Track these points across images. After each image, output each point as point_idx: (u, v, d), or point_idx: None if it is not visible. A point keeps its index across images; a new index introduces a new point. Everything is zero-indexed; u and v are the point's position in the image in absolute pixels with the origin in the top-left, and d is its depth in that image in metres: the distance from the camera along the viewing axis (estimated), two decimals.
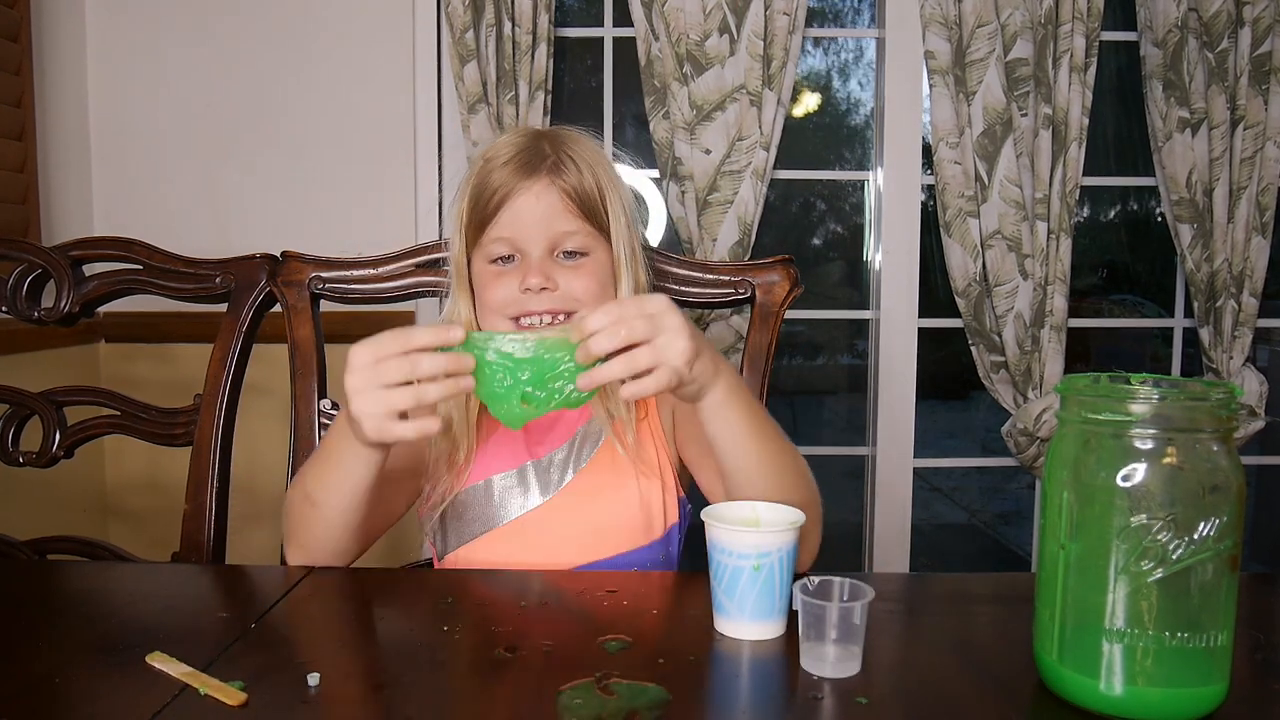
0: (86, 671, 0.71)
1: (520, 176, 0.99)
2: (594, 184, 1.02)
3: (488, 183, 1.00)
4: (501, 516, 1.04)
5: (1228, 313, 1.88)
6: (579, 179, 1.01)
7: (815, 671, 0.70)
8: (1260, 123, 1.84)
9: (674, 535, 1.08)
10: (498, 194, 0.99)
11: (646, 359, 0.79)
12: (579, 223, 1.01)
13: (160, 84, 1.91)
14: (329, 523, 0.93)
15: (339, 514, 0.92)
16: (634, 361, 0.79)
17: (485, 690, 0.68)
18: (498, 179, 1.00)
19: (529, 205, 0.99)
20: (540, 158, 1.01)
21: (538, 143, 1.03)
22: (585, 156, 1.03)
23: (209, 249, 1.27)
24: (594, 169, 1.02)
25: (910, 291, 1.99)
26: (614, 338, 0.78)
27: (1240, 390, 0.71)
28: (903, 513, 2.04)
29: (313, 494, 0.93)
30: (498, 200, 0.99)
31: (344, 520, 0.93)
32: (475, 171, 1.03)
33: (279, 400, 1.28)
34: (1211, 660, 0.62)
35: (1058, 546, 0.65)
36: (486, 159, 1.03)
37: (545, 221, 0.99)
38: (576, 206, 1.00)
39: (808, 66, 2.22)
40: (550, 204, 0.99)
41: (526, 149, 1.02)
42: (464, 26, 1.76)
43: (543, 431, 1.07)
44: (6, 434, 1.17)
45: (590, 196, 1.01)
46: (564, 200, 1.00)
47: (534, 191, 0.99)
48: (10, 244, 1.19)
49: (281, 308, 1.19)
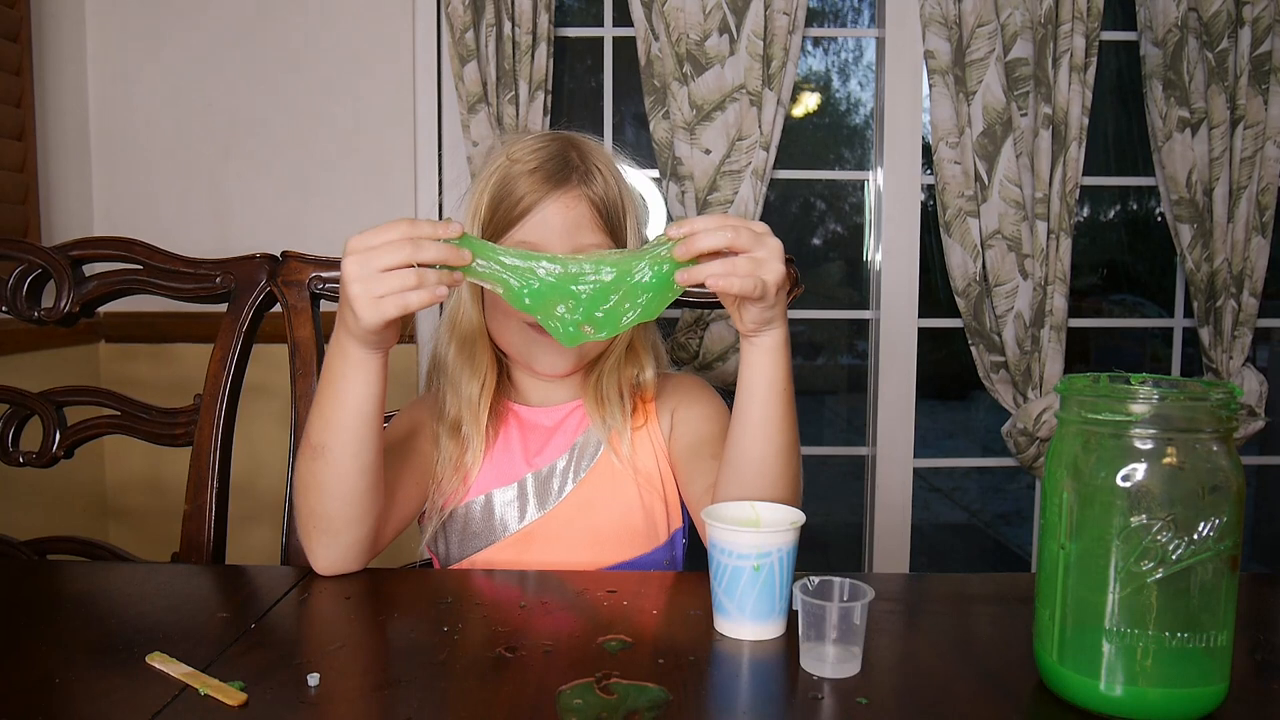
0: (86, 671, 0.71)
1: (550, 185, 0.99)
2: (617, 196, 1.02)
3: (514, 188, 0.99)
4: (503, 530, 1.04)
5: (1228, 313, 1.88)
6: (605, 190, 1.01)
7: (815, 671, 0.70)
8: (1260, 122, 1.84)
9: (678, 539, 1.08)
10: (524, 200, 0.98)
11: (746, 267, 0.79)
12: (602, 235, 1.00)
13: (160, 84, 1.91)
14: (342, 472, 0.87)
15: (350, 455, 0.87)
16: (734, 265, 0.79)
17: (485, 690, 0.68)
18: (525, 185, 0.99)
19: (558, 214, 0.98)
20: (570, 167, 1.00)
21: (565, 150, 1.02)
22: (610, 168, 1.03)
23: (209, 249, 1.27)
24: (618, 182, 1.03)
25: (910, 291, 1.99)
26: (719, 237, 0.79)
27: (1240, 390, 0.71)
28: (903, 513, 2.04)
29: (317, 441, 0.88)
30: (524, 206, 0.98)
31: (357, 465, 0.87)
32: (496, 169, 1.01)
33: (279, 400, 1.28)
34: (1211, 660, 0.62)
35: (1058, 546, 0.65)
36: (511, 159, 1.01)
37: (571, 232, 0.99)
38: (602, 219, 1.00)
39: (808, 66, 2.22)
40: (579, 214, 0.99)
41: (556, 156, 1.00)
42: (464, 26, 1.76)
43: (541, 442, 1.07)
44: (6, 434, 1.17)
45: (615, 209, 1.02)
46: (591, 211, 1.00)
47: (564, 202, 0.99)
48: (10, 244, 1.19)
49: (282, 308, 1.19)
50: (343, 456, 0.87)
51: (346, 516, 0.90)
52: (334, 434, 0.87)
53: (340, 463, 0.88)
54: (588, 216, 0.99)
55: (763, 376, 0.88)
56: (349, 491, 0.89)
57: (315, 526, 0.91)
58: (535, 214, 0.98)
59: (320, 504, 0.90)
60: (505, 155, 1.02)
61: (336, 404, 0.87)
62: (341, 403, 0.87)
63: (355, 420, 0.87)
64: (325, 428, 0.88)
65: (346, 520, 0.90)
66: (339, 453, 0.87)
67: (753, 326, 0.86)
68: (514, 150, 1.02)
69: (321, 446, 0.88)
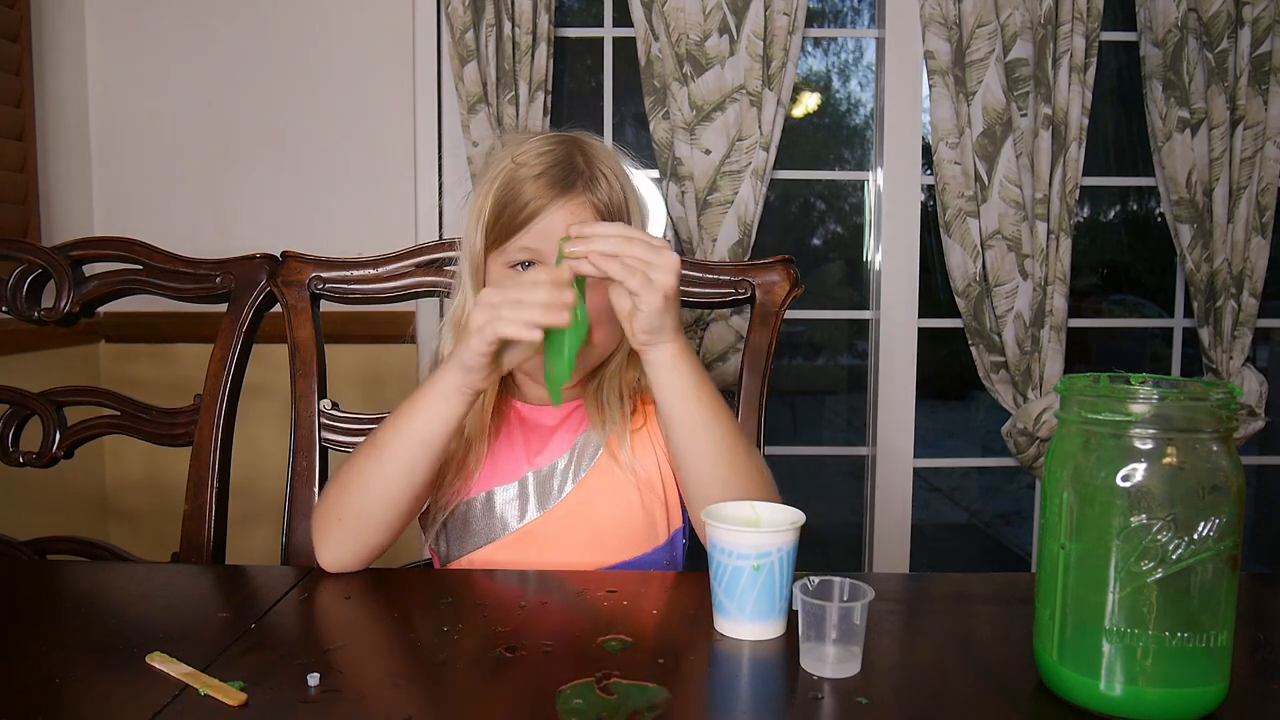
0: (86, 671, 0.71)
1: (555, 192, 0.98)
2: (622, 199, 1.02)
3: (520, 193, 0.99)
4: (503, 529, 1.04)
5: (1227, 313, 1.88)
6: (610, 194, 1.01)
7: (815, 671, 0.70)
8: (1260, 123, 1.84)
9: (678, 539, 1.08)
10: (530, 206, 0.98)
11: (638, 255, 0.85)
12: None
13: (160, 84, 1.91)
14: (390, 477, 0.93)
15: (404, 467, 0.92)
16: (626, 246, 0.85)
17: (485, 690, 0.68)
18: (531, 191, 0.98)
19: (563, 223, 0.98)
20: (575, 172, 1.00)
21: (571, 154, 1.01)
22: (615, 170, 1.03)
23: (209, 249, 1.27)
24: (622, 184, 1.03)
25: (910, 291, 1.99)
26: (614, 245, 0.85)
27: (1240, 390, 0.71)
28: (903, 513, 2.04)
29: (382, 444, 0.93)
30: (530, 212, 0.98)
31: (406, 480, 0.93)
32: (502, 172, 1.01)
33: (279, 400, 1.28)
34: (1211, 660, 0.62)
35: (1058, 546, 0.65)
36: (517, 163, 1.00)
37: None
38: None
39: (808, 67, 2.22)
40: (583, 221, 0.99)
41: (561, 161, 1.00)
42: (464, 27, 1.76)
43: (543, 441, 1.07)
44: (6, 434, 1.17)
45: (620, 212, 1.02)
46: (596, 218, 0.99)
47: (569, 209, 0.98)
48: (10, 244, 1.19)
49: (281, 308, 1.19)
50: (397, 467, 0.93)
51: (372, 519, 0.94)
52: (401, 445, 0.92)
53: (392, 470, 0.93)
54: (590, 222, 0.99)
55: (670, 390, 0.92)
56: (386, 498, 0.93)
57: (337, 522, 0.94)
58: (540, 221, 0.98)
59: (353, 500, 0.94)
60: (510, 158, 1.01)
61: (415, 419, 0.92)
62: (416, 421, 0.92)
63: (421, 441, 0.92)
64: (395, 433, 0.93)
65: (371, 522, 0.94)
66: (395, 463, 0.92)
67: (643, 338, 0.90)
68: (520, 153, 1.01)
69: (384, 450, 0.93)
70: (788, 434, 3.03)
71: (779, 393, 2.60)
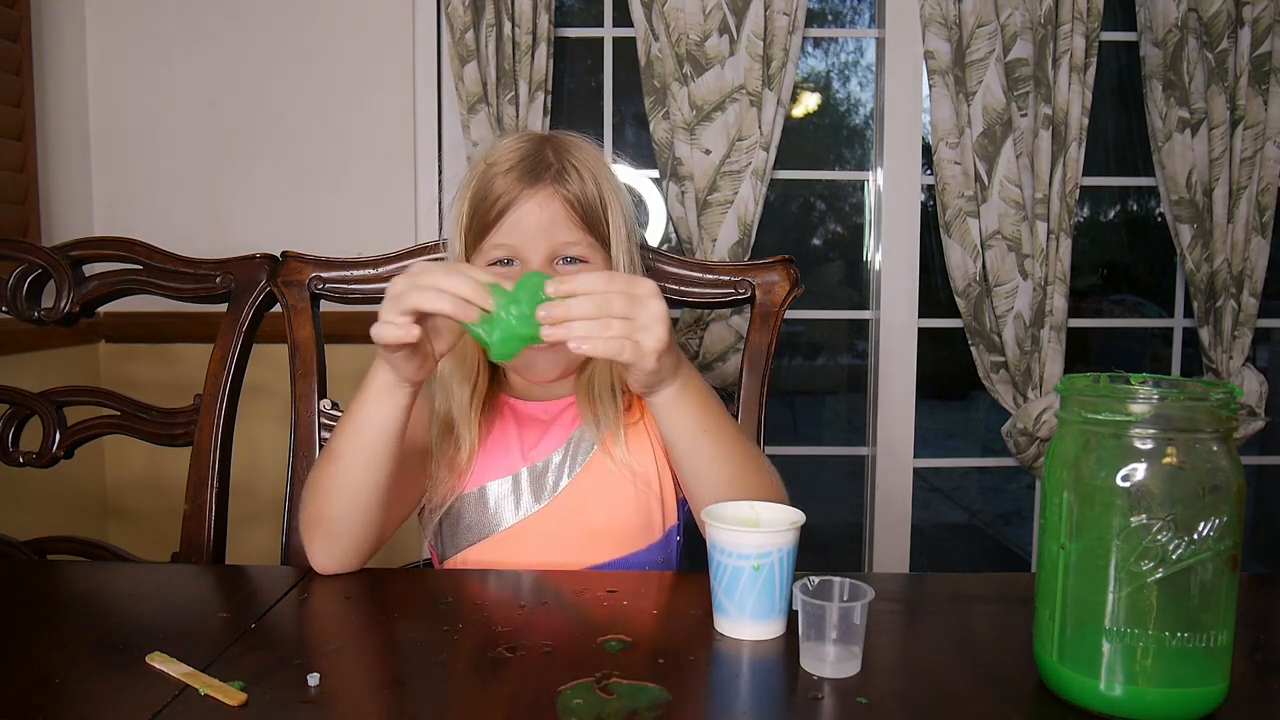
0: (86, 671, 0.71)
1: (523, 185, 0.99)
2: (596, 193, 1.01)
3: (490, 189, 0.99)
4: (497, 524, 1.04)
5: (1227, 313, 1.88)
6: (582, 188, 1.00)
7: (815, 671, 0.70)
8: (1260, 123, 1.84)
9: (673, 537, 1.08)
10: (500, 201, 0.99)
11: (618, 329, 0.79)
12: (579, 233, 1.00)
13: (160, 84, 1.91)
14: (351, 481, 0.91)
15: (362, 469, 0.90)
16: (605, 326, 0.78)
17: (485, 690, 0.68)
18: (500, 186, 0.99)
19: (531, 214, 0.98)
20: (544, 166, 1.00)
21: (541, 149, 1.02)
22: (589, 164, 1.02)
23: (209, 249, 1.27)
24: (596, 177, 1.02)
25: (910, 292, 1.99)
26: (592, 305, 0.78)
27: (1240, 390, 0.71)
28: (903, 513, 2.04)
29: (336, 448, 0.92)
30: (500, 208, 0.99)
31: (368, 480, 0.90)
32: (477, 175, 1.02)
33: (279, 400, 1.28)
34: (1211, 660, 0.62)
35: (1058, 546, 0.65)
36: (489, 163, 1.02)
37: (546, 231, 0.99)
38: (579, 216, 1.00)
39: (808, 67, 2.22)
40: (553, 213, 0.99)
41: (530, 156, 1.01)
42: (464, 27, 1.76)
43: (538, 436, 1.07)
44: (6, 434, 1.17)
45: (592, 206, 1.01)
46: (566, 210, 0.99)
47: (537, 201, 0.99)
48: (10, 244, 1.19)
49: (281, 308, 1.19)
50: (355, 468, 0.91)
51: (349, 521, 0.93)
52: (352, 447, 0.91)
53: (351, 473, 0.91)
54: (562, 215, 0.99)
55: (675, 428, 0.90)
56: (354, 500, 0.92)
57: (318, 527, 0.93)
58: (510, 215, 0.99)
59: (325, 507, 0.93)
60: (484, 160, 1.03)
61: (360, 420, 0.90)
62: (363, 422, 0.90)
63: (372, 440, 0.90)
64: (344, 439, 0.91)
65: (349, 525, 0.93)
66: (352, 464, 0.91)
67: (640, 389, 0.87)
68: (492, 153, 1.03)
69: (339, 454, 0.91)
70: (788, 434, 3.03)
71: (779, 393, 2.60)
